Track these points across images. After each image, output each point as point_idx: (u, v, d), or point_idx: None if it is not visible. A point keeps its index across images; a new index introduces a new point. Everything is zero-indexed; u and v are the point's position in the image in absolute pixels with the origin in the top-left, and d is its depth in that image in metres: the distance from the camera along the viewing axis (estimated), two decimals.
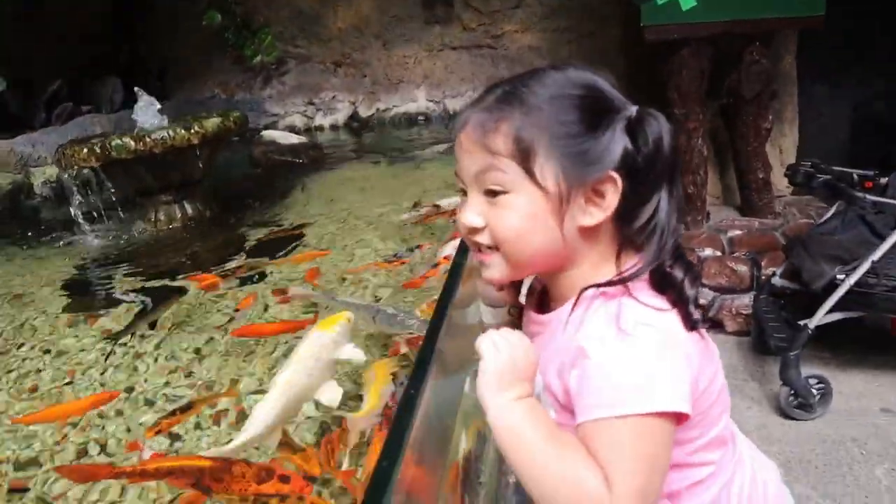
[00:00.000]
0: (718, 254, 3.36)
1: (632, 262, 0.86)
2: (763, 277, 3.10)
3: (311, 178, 3.91)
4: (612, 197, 0.83)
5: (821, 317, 2.49)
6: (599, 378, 0.79)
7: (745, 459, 1.00)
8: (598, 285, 0.85)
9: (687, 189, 3.58)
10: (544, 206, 0.84)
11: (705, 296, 3.29)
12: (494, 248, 0.88)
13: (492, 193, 0.86)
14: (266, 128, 4.88)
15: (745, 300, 3.09)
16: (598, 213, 0.84)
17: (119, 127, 4.34)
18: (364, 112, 5.14)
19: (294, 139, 4.37)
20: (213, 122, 2.88)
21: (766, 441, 2.33)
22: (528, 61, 4.47)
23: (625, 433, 0.77)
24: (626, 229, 0.86)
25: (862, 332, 2.71)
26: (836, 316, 2.50)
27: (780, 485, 1.06)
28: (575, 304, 0.85)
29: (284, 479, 1.35)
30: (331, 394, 1.57)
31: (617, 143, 0.83)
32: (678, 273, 0.84)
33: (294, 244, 2.82)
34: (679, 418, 0.80)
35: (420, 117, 4.98)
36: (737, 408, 1.91)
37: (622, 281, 0.83)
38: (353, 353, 1.68)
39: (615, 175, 0.82)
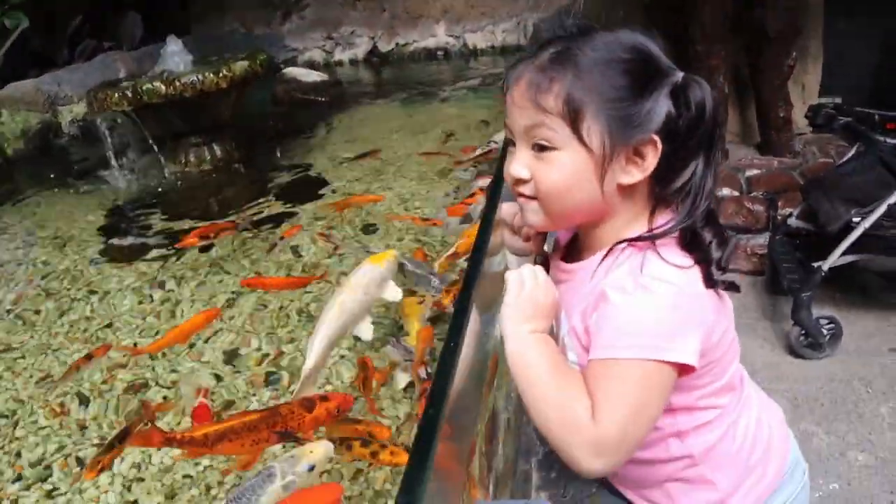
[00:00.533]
0: (736, 193, 3.38)
1: (664, 221, 0.91)
2: (779, 218, 3.13)
3: (334, 117, 3.94)
4: (652, 158, 0.88)
5: (835, 259, 2.53)
6: (613, 321, 0.86)
7: (752, 403, 1.07)
8: (629, 240, 0.90)
9: None
10: (588, 164, 0.89)
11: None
12: (536, 198, 0.94)
13: (539, 148, 0.91)
14: (286, 64, 4.89)
15: (761, 240, 3.13)
16: (637, 172, 0.89)
17: (142, 65, 4.38)
18: (383, 47, 5.12)
19: (315, 76, 4.38)
20: (240, 66, 2.92)
21: (776, 379, 2.41)
22: None
23: (622, 374, 0.84)
24: (662, 189, 0.91)
25: (875, 274, 2.76)
26: (850, 258, 2.54)
27: (784, 426, 1.13)
28: (606, 255, 0.91)
29: (323, 398, 1.46)
30: (366, 330, 1.65)
31: (661, 107, 0.86)
32: (707, 235, 0.89)
33: (323, 188, 2.89)
34: (683, 369, 0.86)
35: (439, 52, 4.96)
36: (748, 346, 1.98)
37: (652, 238, 0.89)
38: (394, 291, 1.75)
39: (656, 138, 0.86)
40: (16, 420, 1.81)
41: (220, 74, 2.83)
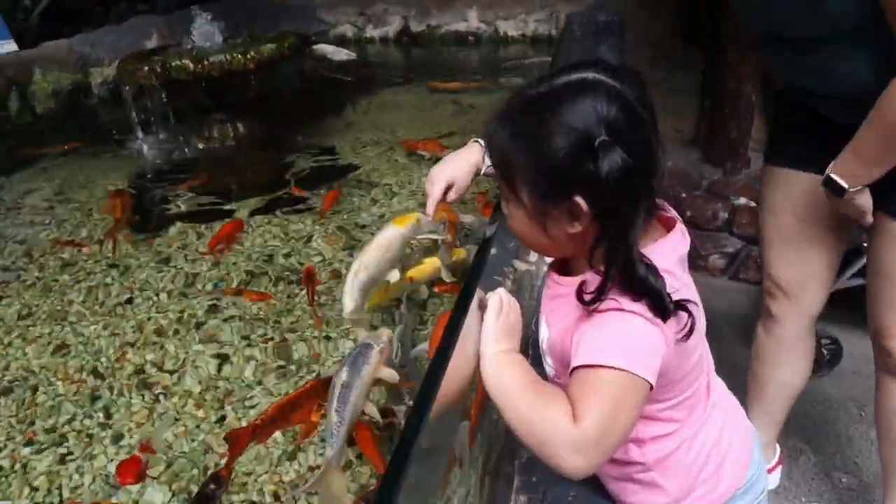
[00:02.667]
0: (753, 204, 3.39)
1: None
2: None
3: (360, 99, 3.98)
4: (584, 216, 0.93)
5: (842, 281, 2.55)
6: (593, 336, 0.94)
7: (716, 422, 1.14)
8: (588, 301, 0.95)
9: (730, 134, 3.58)
10: (528, 218, 0.99)
11: (734, 244, 3.37)
12: None
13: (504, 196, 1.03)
14: (318, 37, 4.90)
15: None
16: (578, 224, 0.95)
17: (174, 30, 4.43)
18: (415, 27, 5.11)
19: (344, 55, 4.40)
20: (268, 48, 2.97)
21: None
22: None
23: (602, 380, 0.91)
24: (607, 234, 0.95)
25: None
26: (858, 281, 2.56)
27: (746, 447, 1.20)
28: (581, 290, 0.96)
29: None
30: (394, 275, 1.82)
31: (579, 170, 0.90)
32: (641, 271, 0.93)
33: (339, 177, 2.96)
34: (650, 387, 0.93)
35: (470, 37, 4.94)
36: (748, 359, 2.03)
37: (601, 293, 0.94)
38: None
39: (579, 200, 0.92)
40: (34, 385, 1.89)
41: (248, 56, 2.88)
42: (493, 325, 1.04)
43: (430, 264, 2.01)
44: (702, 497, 1.13)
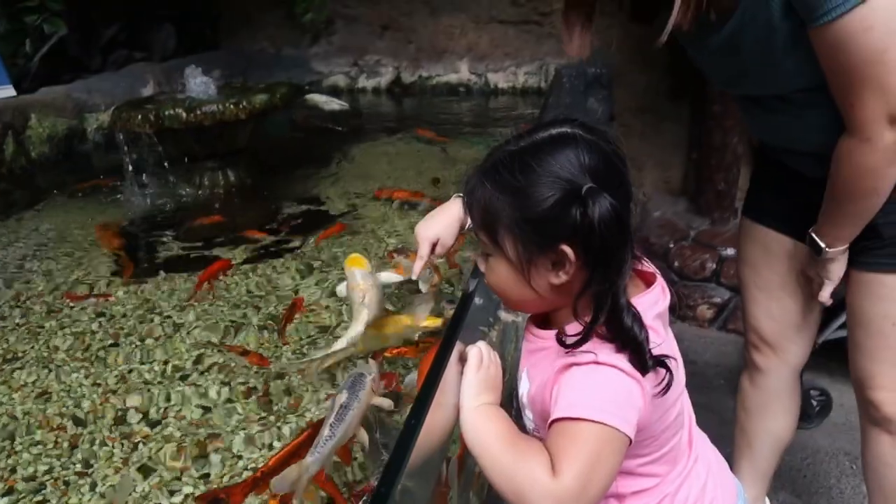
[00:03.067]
0: None
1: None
2: None
3: (351, 149, 4.01)
4: (570, 265, 0.95)
5: (831, 332, 2.56)
6: (572, 389, 0.94)
7: (699, 476, 1.14)
8: (569, 344, 0.97)
9: (717, 186, 3.63)
10: (512, 271, 1.00)
11: (721, 294, 3.38)
12: None
13: (483, 252, 1.05)
14: (310, 89, 4.97)
15: None
16: (563, 275, 0.97)
17: (171, 77, 4.49)
18: (407, 78, 5.20)
19: (336, 105, 4.46)
20: (260, 99, 3.01)
21: None
22: None
23: (581, 433, 0.91)
24: (595, 281, 0.97)
25: None
26: (845, 332, 2.57)
27: (730, 502, 1.19)
28: (561, 335, 0.99)
29: None
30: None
31: (566, 219, 0.92)
32: (628, 320, 0.95)
33: (327, 224, 2.98)
34: (630, 440, 0.94)
35: (461, 88, 5.03)
36: (734, 412, 2.02)
37: (585, 338, 0.95)
38: (390, 276, 2.14)
39: (566, 249, 0.93)
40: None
41: (241, 106, 2.92)
42: (473, 377, 1.05)
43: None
44: None
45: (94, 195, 3.50)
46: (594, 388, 0.93)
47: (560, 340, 0.98)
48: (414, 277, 1.62)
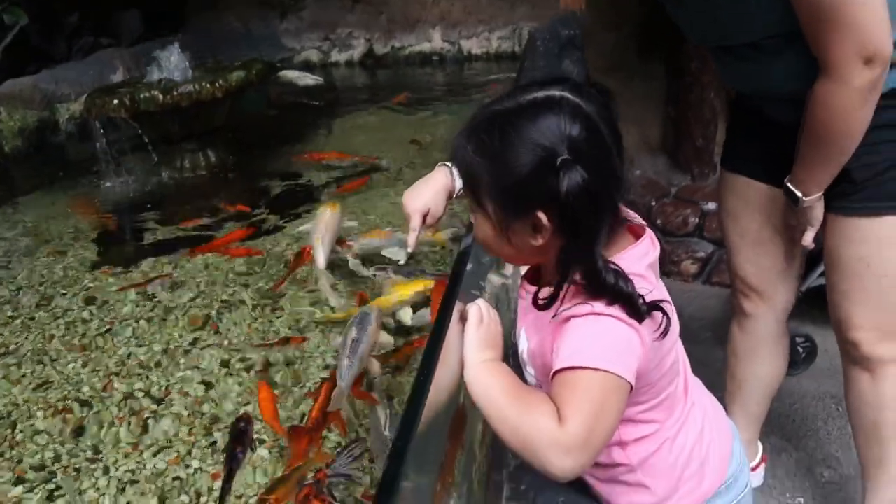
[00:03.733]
0: None
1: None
2: None
3: (328, 123, 4.00)
4: (545, 230, 0.96)
5: (812, 279, 2.61)
6: (573, 340, 0.95)
7: (696, 421, 1.17)
8: (541, 305, 1.00)
9: (696, 142, 3.65)
10: (493, 229, 1.01)
11: (705, 248, 3.43)
12: None
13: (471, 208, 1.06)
14: (283, 63, 4.93)
15: None
16: (540, 238, 0.98)
17: (139, 62, 4.43)
18: (379, 50, 5.17)
19: (310, 80, 4.43)
20: (236, 76, 2.99)
21: None
22: (548, 4, 4.46)
23: (584, 381, 0.93)
24: (569, 248, 0.97)
25: None
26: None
27: (727, 444, 1.22)
28: (556, 290, 0.99)
29: None
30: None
31: (542, 186, 0.92)
32: (609, 278, 0.95)
33: (311, 198, 2.99)
34: (631, 387, 0.96)
35: (434, 57, 5.01)
36: (725, 359, 2.06)
37: (552, 300, 0.97)
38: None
39: (541, 215, 0.94)
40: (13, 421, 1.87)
41: (217, 85, 2.90)
42: (474, 335, 1.06)
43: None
44: (687, 494, 1.15)
45: (73, 185, 3.46)
46: (594, 338, 0.95)
47: (535, 301, 1.00)
48: (409, 250, 1.61)
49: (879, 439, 1.74)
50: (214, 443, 1.72)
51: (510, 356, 1.26)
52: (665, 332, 0.99)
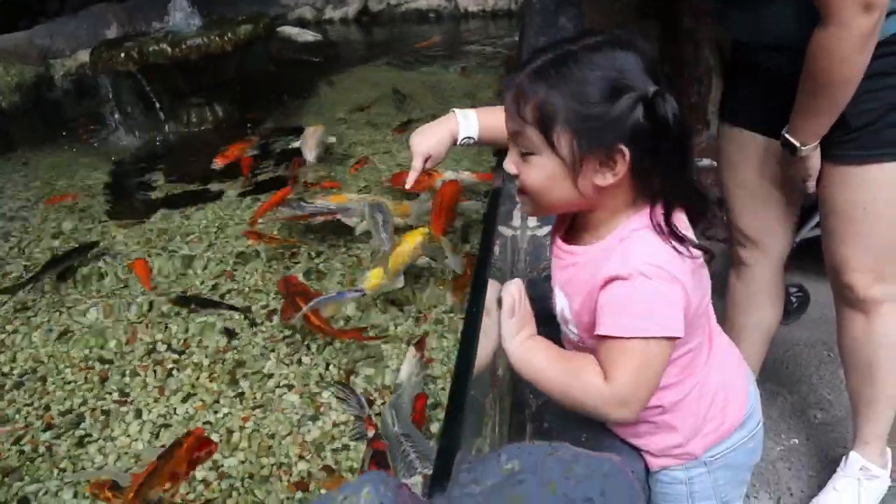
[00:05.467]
0: (715, 164, 3.50)
1: (645, 210, 1.03)
2: None
3: (329, 79, 4.00)
4: (622, 165, 0.98)
5: (806, 231, 2.68)
6: (617, 304, 1.00)
7: (720, 363, 1.22)
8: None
9: (690, 99, 3.70)
10: (561, 169, 1.01)
11: None
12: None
13: (522, 152, 1.04)
14: (277, 20, 4.89)
15: None
16: (611, 176, 0.99)
17: (133, 17, 4.39)
18: (374, 6, 5.13)
19: (309, 36, 4.42)
20: (245, 29, 2.99)
21: None
22: None
23: (629, 349, 0.99)
24: (640, 185, 1.01)
25: None
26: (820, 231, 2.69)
27: (745, 384, 1.29)
28: (600, 243, 1.05)
29: None
30: None
31: (628, 119, 0.94)
32: (680, 218, 1.01)
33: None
34: (675, 339, 1.02)
35: (431, 14, 4.98)
36: (720, 312, 2.13)
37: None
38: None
39: (624, 148, 0.96)
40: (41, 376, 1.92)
41: (226, 37, 2.90)
42: (508, 323, 1.11)
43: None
44: (711, 432, 1.21)
45: (76, 141, 3.46)
46: (638, 304, 0.98)
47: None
48: (407, 188, 1.64)
49: (873, 379, 1.83)
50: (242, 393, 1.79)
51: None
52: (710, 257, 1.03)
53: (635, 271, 0.98)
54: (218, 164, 2.75)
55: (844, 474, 1.94)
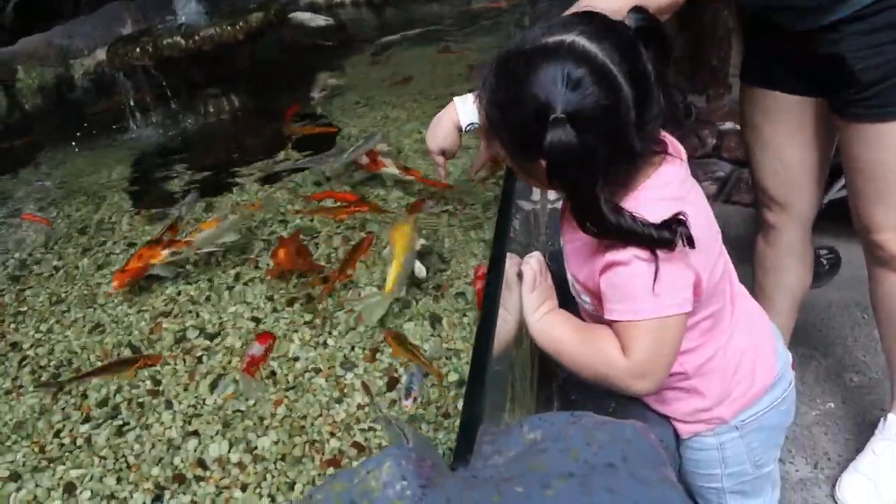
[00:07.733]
0: (738, 127, 3.46)
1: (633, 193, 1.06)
2: None
3: (343, 62, 3.99)
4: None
5: (834, 192, 2.65)
6: (622, 290, 1.04)
7: (744, 326, 1.24)
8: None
9: (711, 61, 3.65)
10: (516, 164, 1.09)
11: (723, 168, 3.46)
12: None
13: None
14: (290, 9, 4.87)
15: None
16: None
17: (147, 14, 4.41)
18: None
19: (321, 20, 4.39)
20: (256, 17, 2.99)
21: None
22: None
23: (643, 328, 1.02)
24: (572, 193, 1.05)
25: None
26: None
27: (772, 344, 1.30)
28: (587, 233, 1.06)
29: None
30: None
31: (540, 139, 0.95)
32: (624, 222, 0.99)
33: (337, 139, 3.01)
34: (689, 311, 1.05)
35: None
36: (750, 276, 2.11)
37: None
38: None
39: (543, 164, 0.98)
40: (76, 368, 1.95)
41: (237, 26, 2.91)
42: (529, 297, 1.16)
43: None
44: (740, 396, 1.22)
45: (99, 137, 3.48)
46: (640, 287, 1.01)
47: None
48: (441, 180, 1.86)
49: None
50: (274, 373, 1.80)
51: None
52: (691, 244, 1.00)
53: (632, 255, 1.01)
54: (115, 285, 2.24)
55: (883, 437, 1.92)
